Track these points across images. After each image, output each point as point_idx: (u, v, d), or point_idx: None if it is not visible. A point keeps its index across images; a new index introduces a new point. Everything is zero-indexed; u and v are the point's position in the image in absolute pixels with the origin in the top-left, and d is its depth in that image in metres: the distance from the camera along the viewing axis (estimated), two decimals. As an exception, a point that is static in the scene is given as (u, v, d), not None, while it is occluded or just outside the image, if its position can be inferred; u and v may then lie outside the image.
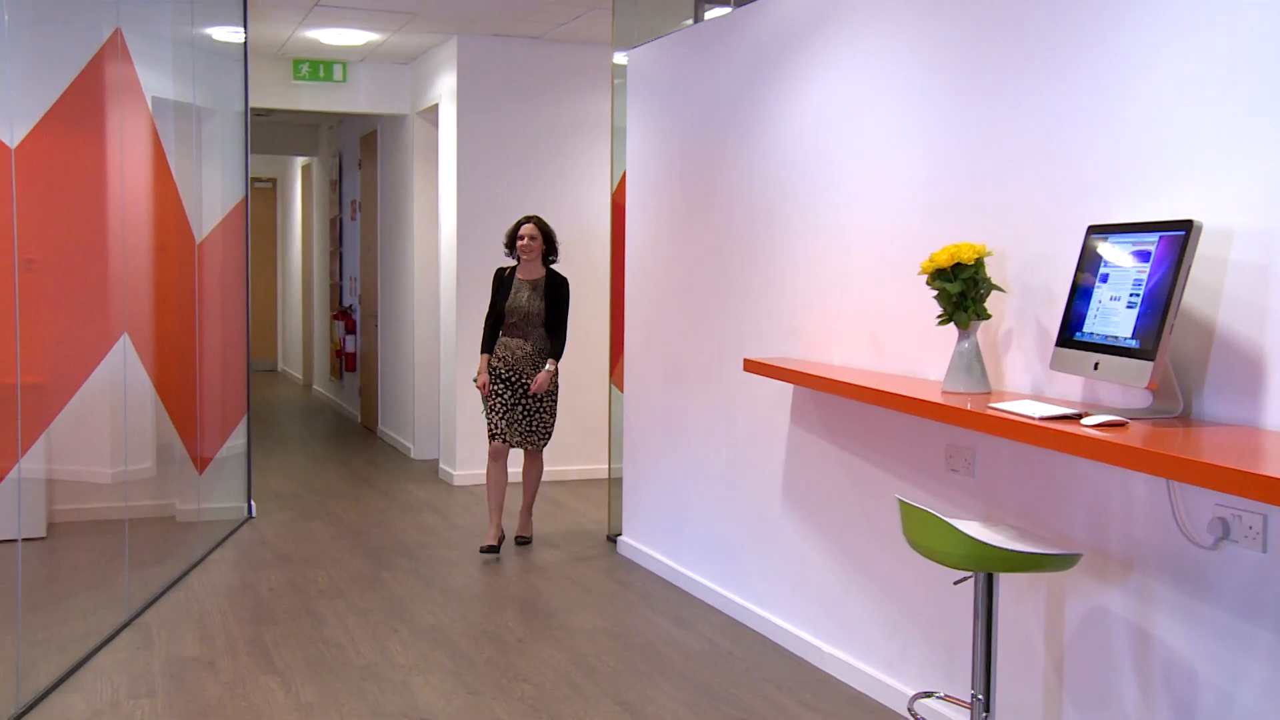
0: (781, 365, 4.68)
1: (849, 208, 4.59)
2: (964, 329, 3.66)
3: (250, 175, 7.43)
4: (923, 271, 3.70)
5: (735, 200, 5.40)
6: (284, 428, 11.44)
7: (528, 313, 6.42)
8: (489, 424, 6.47)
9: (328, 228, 13.25)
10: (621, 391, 6.73)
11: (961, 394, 3.64)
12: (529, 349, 6.43)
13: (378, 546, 6.65)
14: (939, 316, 3.71)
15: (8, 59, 4.02)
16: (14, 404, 4.11)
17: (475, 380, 6.48)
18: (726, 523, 5.50)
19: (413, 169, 9.59)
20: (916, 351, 4.20)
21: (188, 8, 6.35)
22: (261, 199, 16.47)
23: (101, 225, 5.12)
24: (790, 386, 4.94)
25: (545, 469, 8.72)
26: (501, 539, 6.52)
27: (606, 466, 7.26)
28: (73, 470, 4.98)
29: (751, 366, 4.91)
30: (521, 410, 6.46)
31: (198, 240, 6.42)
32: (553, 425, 6.59)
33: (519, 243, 6.49)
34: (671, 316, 6.03)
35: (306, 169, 14.59)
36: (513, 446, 6.49)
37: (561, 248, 8.68)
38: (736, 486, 5.41)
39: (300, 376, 15.32)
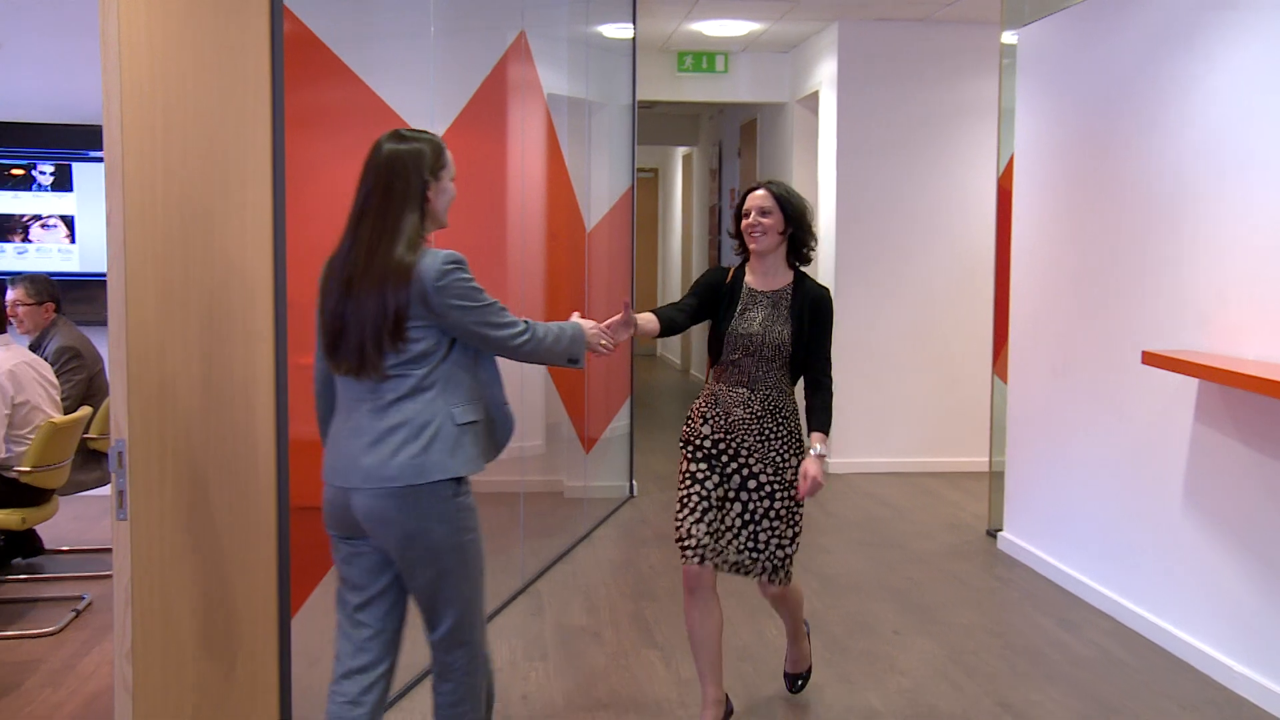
0: (1188, 359, 4.34)
1: (1269, 190, 4.18)
2: None
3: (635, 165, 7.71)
4: (1362, 256, 3.32)
5: (1135, 183, 5.06)
6: (663, 411, 11.83)
7: (763, 344, 3.76)
8: (677, 526, 3.78)
9: (707, 215, 13.55)
10: (1004, 382, 6.47)
11: None
12: (756, 406, 3.77)
13: (753, 530, 6.73)
14: (1381, 306, 3.32)
15: (432, 65, 4.38)
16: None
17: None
18: (1120, 523, 5.18)
19: (791, 157, 9.64)
20: (1350, 345, 3.78)
21: (583, 7, 6.66)
22: (644, 188, 17.10)
23: (503, 215, 5.48)
24: (1195, 381, 4.58)
25: (914, 459, 8.61)
26: (729, 714, 3.90)
27: (987, 459, 7.01)
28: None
29: (1152, 359, 4.59)
30: (740, 513, 3.80)
31: (588, 229, 6.74)
32: (798, 539, 3.85)
33: (743, 222, 3.84)
34: (1061, 305, 5.74)
35: (687, 158, 14.99)
36: (720, 569, 3.82)
37: (945, 234, 8.50)
38: (1132, 485, 5.08)
39: (679, 362, 15.77)
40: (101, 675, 4.32)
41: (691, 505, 3.75)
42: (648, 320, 3.62)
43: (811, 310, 3.79)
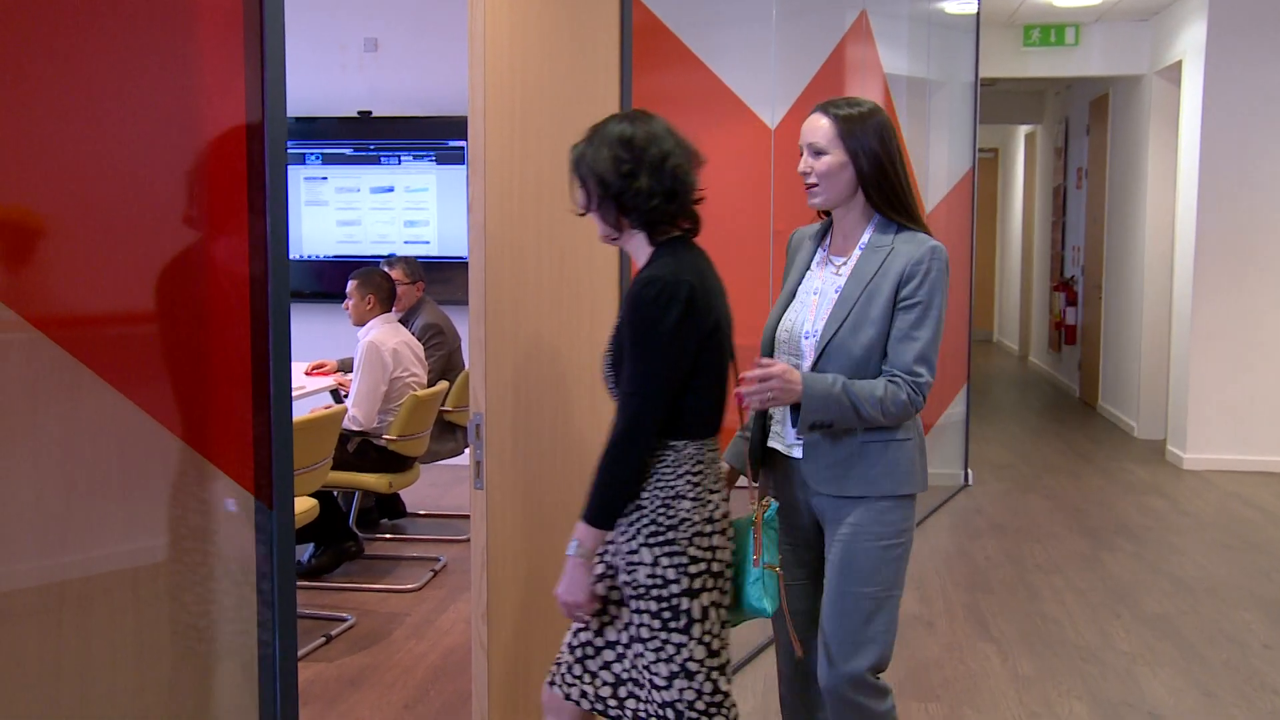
0: None
1: None
2: None
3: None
4: None
5: None
6: (1000, 398, 11.42)
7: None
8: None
9: (1050, 196, 12.94)
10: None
11: None
12: None
13: (1096, 526, 6.39)
14: None
15: (773, 47, 4.39)
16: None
17: None
18: None
19: (1148, 133, 9.04)
20: None
21: (925, -16, 6.51)
22: (984, 169, 16.52)
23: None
24: None
25: (1242, 458, 7.91)
26: None
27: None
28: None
29: None
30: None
31: (926, 211, 6.57)
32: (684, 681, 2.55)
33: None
34: None
35: (1030, 137, 14.36)
36: None
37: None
38: None
39: (1016, 348, 15.17)
40: (457, 632, 4.62)
41: None
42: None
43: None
